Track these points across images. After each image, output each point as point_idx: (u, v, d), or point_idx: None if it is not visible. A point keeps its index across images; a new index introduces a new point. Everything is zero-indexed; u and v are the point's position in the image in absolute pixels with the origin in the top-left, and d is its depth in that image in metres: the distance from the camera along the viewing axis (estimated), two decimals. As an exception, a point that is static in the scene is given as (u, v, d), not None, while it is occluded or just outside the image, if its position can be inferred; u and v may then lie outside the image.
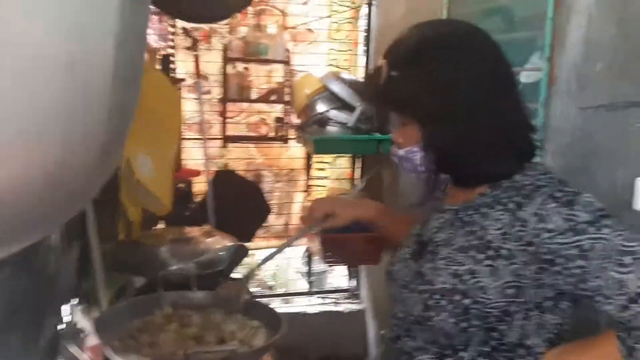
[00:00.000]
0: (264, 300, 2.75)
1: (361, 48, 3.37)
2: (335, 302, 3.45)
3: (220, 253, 1.63)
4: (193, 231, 1.78)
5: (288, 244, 1.36)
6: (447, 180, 1.15)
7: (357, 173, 3.46)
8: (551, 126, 1.72)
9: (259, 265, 1.34)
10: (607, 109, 1.51)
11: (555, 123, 1.71)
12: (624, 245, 0.89)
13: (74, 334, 1.84)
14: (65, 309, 1.88)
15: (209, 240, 1.71)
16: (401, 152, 1.09)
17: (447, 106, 0.99)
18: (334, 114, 2.92)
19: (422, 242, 1.11)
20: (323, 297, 3.55)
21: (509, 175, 1.02)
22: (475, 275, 0.97)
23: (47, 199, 0.59)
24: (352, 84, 2.94)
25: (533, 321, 0.99)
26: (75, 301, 1.98)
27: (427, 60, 1.00)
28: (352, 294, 3.49)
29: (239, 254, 1.58)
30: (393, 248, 1.26)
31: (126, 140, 0.77)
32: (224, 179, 3.06)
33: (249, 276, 1.33)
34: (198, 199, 3.06)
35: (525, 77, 1.81)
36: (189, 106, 3.23)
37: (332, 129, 2.93)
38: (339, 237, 2.49)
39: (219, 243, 1.70)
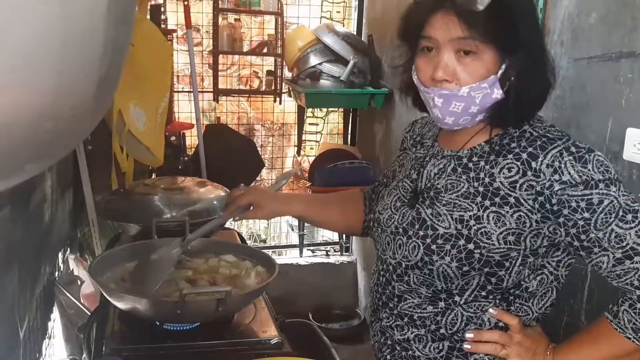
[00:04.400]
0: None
1: (354, 0, 3.33)
2: (326, 254, 3.51)
3: (214, 202, 1.64)
4: (186, 181, 1.79)
5: (208, 228, 1.31)
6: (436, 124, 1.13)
7: (350, 128, 3.46)
8: (543, 78, 1.73)
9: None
10: (599, 60, 1.52)
11: (548, 75, 1.71)
12: (628, 205, 0.94)
13: (69, 281, 1.88)
14: (60, 258, 1.90)
15: (202, 189, 1.72)
16: (464, 89, 0.97)
17: (536, 37, 1.00)
18: (327, 67, 2.90)
19: (417, 189, 1.11)
20: (314, 250, 3.61)
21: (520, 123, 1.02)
22: (481, 221, 0.99)
23: (41, 133, 0.60)
24: (345, 37, 2.91)
25: (529, 267, 1.02)
26: (70, 249, 2.00)
27: None
28: (343, 246, 3.54)
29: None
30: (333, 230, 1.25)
31: (118, 89, 0.77)
32: (216, 132, 3.05)
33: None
34: (190, 152, 3.06)
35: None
36: (179, 58, 3.19)
37: (324, 82, 2.92)
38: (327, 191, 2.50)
39: (212, 192, 1.71)
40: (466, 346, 1.04)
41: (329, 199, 1.41)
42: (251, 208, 1.29)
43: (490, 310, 1.03)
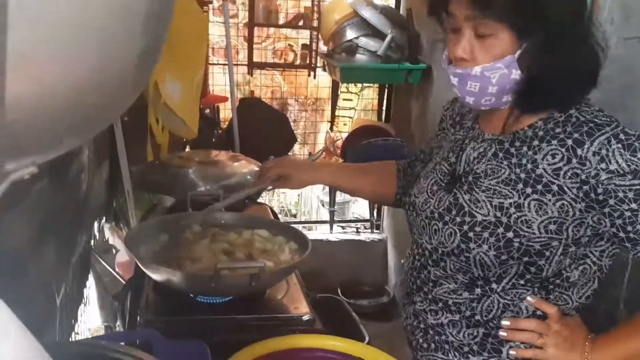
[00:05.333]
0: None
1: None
2: (356, 231, 3.50)
3: (247, 177, 1.64)
4: (220, 155, 1.79)
5: (240, 196, 1.35)
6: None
7: (385, 104, 3.41)
8: (590, 57, 1.66)
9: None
10: (651, 40, 1.45)
11: (595, 54, 1.64)
12: None
13: (105, 250, 1.91)
14: (96, 226, 1.94)
15: (236, 164, 1.73)
16: (476, 69, 0.94)
17: (568, 15, 0.94)
18: (364, 41, 2.84)
19: (455, 173, 1.07)
20: (344, 227, 3.60)
21: (566, 107, 0.97)
22: (521, 209, 0.96)
23: (82, 107, 0.59)
24: (383, 10, 2.85)
25: (570, 257, 0.99)
26: (105, 219, 2.04)
27: None
28: (374, 224, 3.53)
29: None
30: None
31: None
32: (249, 106, 3.05)
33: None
34: (224, 125, 3.06)
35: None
36: (215, 30, 3.18)
37: (360, 57, 2.87)
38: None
39: (246, 167, 1.71)
40: (502, 333, 1.02)
41: (360, 168, 1.42)
42: (281, 179, 1.32)
43: (529, 298, 1.00)
